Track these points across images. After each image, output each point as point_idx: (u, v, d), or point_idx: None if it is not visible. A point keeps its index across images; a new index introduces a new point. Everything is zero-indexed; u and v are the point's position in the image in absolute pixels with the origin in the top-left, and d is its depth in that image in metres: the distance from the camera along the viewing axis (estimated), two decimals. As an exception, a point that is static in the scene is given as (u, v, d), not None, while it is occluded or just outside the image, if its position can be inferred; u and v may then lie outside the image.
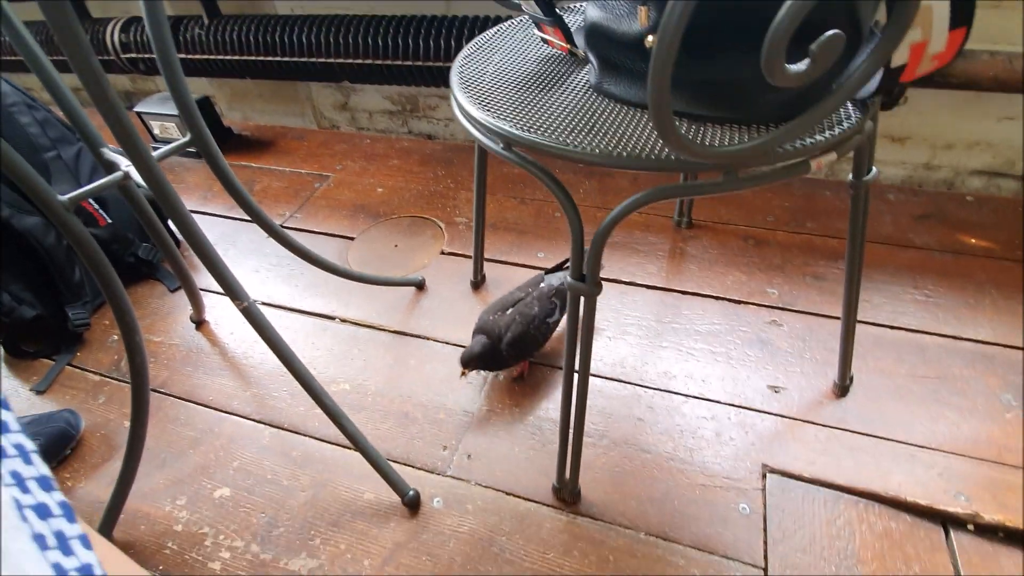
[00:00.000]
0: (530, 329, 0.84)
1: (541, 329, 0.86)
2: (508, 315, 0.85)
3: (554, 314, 0.88)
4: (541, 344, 0.88)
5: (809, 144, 0.46)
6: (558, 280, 0.91)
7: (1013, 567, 0.67)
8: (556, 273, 0.94)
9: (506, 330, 0.83)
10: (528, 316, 0.85)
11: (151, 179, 0.56)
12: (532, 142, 0.50)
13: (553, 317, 0.88)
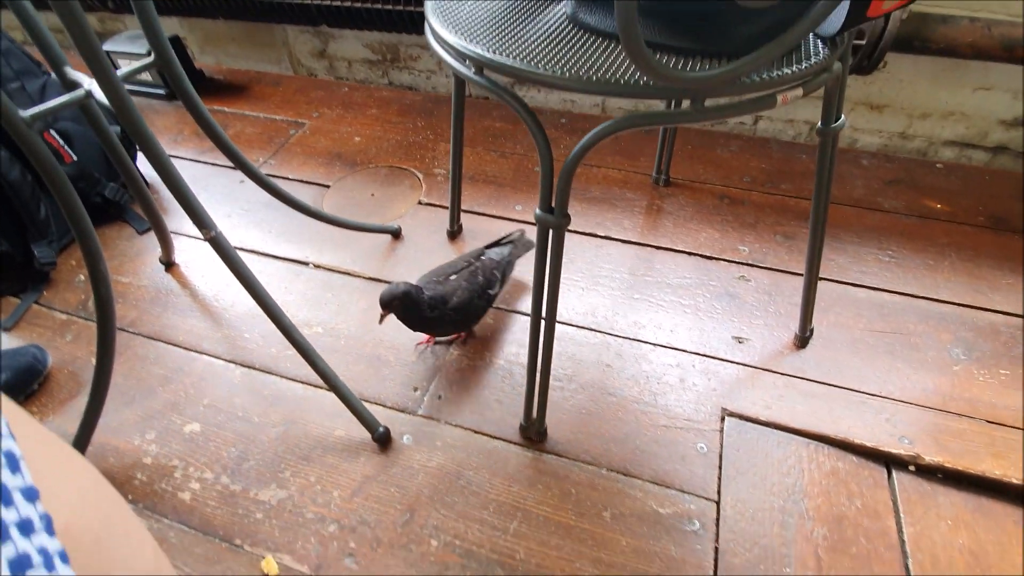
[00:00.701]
0: (475, 298, 0.82)
1: (484, 298, 0.84)
2: (453, 281, 0.82)
3: (494, 287, 0.86)
4: (481, 315, 0.86)
5: (776, 76, 0.47)
6: (498, 254, 0.89)
7: (949, 505, 0.72)
8: (496, 248, 0.92)
9: (452, 295, 0.80)
10: (475, 284, 0.82)
11: (115, 97, 0.54)
12: (504, 65, 0.49)
13: (493, 290, 0.85)
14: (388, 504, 0.72)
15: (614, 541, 0.68)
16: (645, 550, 0.67)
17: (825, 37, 0.52)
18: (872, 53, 1.12)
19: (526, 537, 0.68)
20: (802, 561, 0.66)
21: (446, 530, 0.69)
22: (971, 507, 0.71)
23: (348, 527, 0.70)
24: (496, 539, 0.68)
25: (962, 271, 0.98)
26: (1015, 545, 0.68)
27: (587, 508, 0.71)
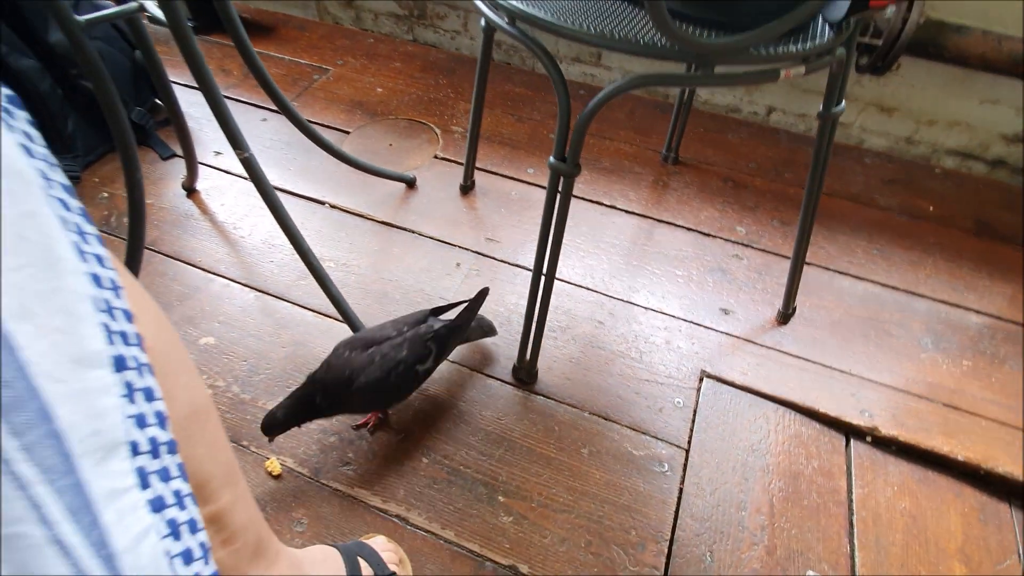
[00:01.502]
0: (391, 376, 0.68)
1: (405, 376, 0.70)
2: (366, 355, 0.69)
3: (426, 361, 0.72)
4: (402, 395, 0.74)
5: (782, 52, 0.51)
6: (442, 324, 0.74)
7: (897, 474, 0.78)
8: (443, 314, 0.79)
9: (359, 372, 0.67)
10: (391, 360, 0.68)
11: (170, 12, 0.58)
12: (536, 18, 0.53)
13: (424, 365, 0.72)
14: (386, 424, 0.78)
15: (589, 474, 0.74)
16: (616, 484, 0.73)
17: (832, 23, 0.56)
18: (887, 54, 1.15)
19: (509, 463, 0.75)
20: (757, 507, 0.73)
21: (437, 450, 0.75)
22: (917, 477, 0.78)
23: (347, 440, 0.76)
24: (482, 462, 0.75)
25: (943, 270, 1.03)
26: (951, 513, 0.75)
27: (567, 444, 0.77)
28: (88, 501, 0.22)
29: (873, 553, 0.70)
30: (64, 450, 0.21)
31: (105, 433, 0.22)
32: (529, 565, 0.66)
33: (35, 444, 0.20)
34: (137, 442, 0.24)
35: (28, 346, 0.21)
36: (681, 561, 0.68)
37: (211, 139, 1.20)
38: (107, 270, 0.26)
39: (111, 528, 0.22)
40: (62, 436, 0.21)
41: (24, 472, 0.20)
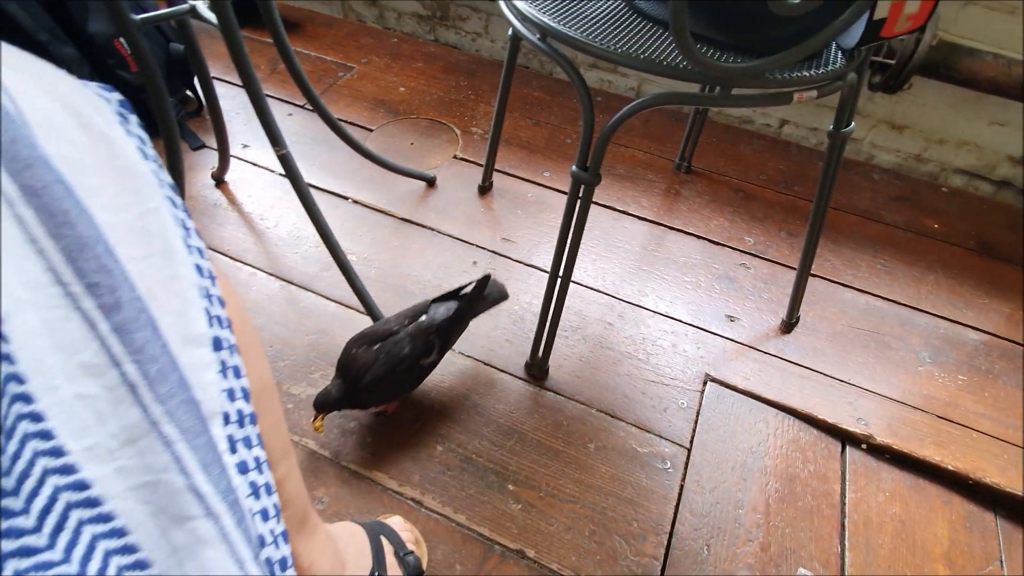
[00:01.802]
0: (396, 371, 0.71)
1: (412, 371, 0.73)
2: (372, 352, 0.72)
3: (431, 355, 0.74)
4: (410, 387, 0.77)
5: (796, 76, 0.55)
6: (443, 315, 0.75)
7: (890, 480, 0.82)
8: (445, 303, 0.77)
9: (365, 371, 0.70)
10: (394, 357, 0.71)
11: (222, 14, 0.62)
12: (565, 35, 0.57)
13: (429, 359, 0.74)
14: (403, 411, 0.82)
15: (594, 467, 0.78)
16: (620, 478, 0.77)
17: (845, 50, 0.59)
18: (900, 73, 1.18)
19: (519, 454, 0.79)
20: (753, 506, 0.77)
21: (451, 439, 0.79)
22: (908, 484, 0.82)
23: (366, 425, 0.80)
24: (493, 452, 0.79)
25: (944, 287, 1.06)
26: (938, 519, 0.78)
27: (575, 439, 0.81)
28: (217, 457, 0.26)
29: (863, 554, 0.74)
30: (199, 414, 0.25)
31: (207, 403, 0.26)
32: (536, 550, 0.70)
33: (175, 409, 0.25)
34: (228, 413, 0.28)
35: (163, 315, 0.25)
36: (679, 553, 0.71)
37: (239, 132, 1.24)
38: (205, 261, 0.29)
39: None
40: (197, 403, 0.25)
41: (168, 432, 0.24)
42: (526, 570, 0.68)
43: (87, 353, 0.23)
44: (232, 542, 0.25)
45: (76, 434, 0.22)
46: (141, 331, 0.24)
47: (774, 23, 0.53)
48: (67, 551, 0.22)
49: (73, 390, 0.22)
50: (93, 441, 0.23)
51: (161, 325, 0.25)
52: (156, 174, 0.28)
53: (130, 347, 0.24)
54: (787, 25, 0.54)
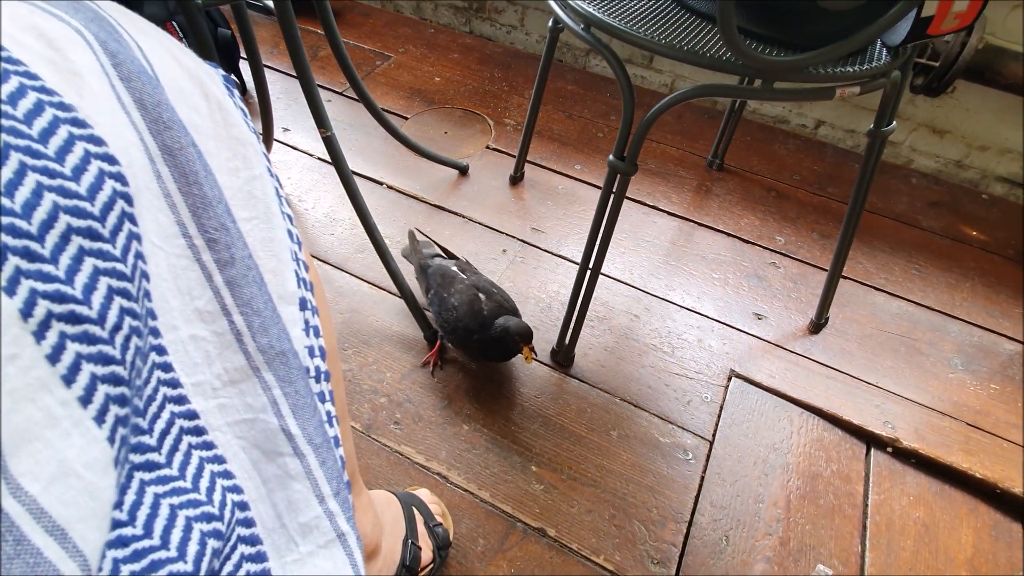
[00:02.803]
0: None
1: None
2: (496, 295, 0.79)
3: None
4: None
5: (839, 72, 0.55)
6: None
7: (915, 485, 0.81)
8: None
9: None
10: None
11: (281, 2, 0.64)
12: (609, 26, 0.58)
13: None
14: (431, 391, 0.84)
15: (616, 454, 0.79)
16: (641, 465, 0.78)
17: (890, 47, 0.59)
18: (943, 76, 1.15)
19: (543, 437, 0.80)
20: (774, 501, 0.77)
21: (476, 419, 0.82)
22: (934, 490, 0.81)
23: (396, 402, 0.83)
24: (517, 434, 0.80)
25: (981, 295, 1.04)
26: (963, 526, 0.77)
27: (598, 425, 0.82)
28: (307, 403, 0.28)
29: (883, 555, 0.74)
30: (294, 365, 0.28)
31: (299, 356, 0.29)
32: (556, 530, 0.72)
33: (273, 359, 0.27)
34: (309, 367, 0.30)
35: (272, 270, 0.28)
36: (698, 542, 0.72)
37: (280, 116, 1.28)
38: (294, 228, 0.32)
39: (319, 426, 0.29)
40: (294, 355, 0.28)
41: (267, 378, 0.27)
42: (546, 548, 0.70)
43: (202, 300, 0.25)
44: (315, 479, 0.28)
45: (188, 370, 0.25)
46: (249, 286, 0.27)
47: (820, 18, 0.53)
48: (181, 469, 0.24)
49: (189, 331, 0.25)
50: (201, 378, 0.25)
51: (264, 279, 0.27)
52: (258, 143, 0.30)
53: (239, 300, 0.26)
54: (833, 21, 0.54)
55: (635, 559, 0.70)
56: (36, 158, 0.19)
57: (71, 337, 0.19)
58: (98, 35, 0.23)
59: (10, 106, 0.19)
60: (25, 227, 0.18)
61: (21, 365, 0.18)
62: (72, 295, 0.19)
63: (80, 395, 0.19)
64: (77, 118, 0.21)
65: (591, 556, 0.70)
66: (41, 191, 0.19)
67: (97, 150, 0.21)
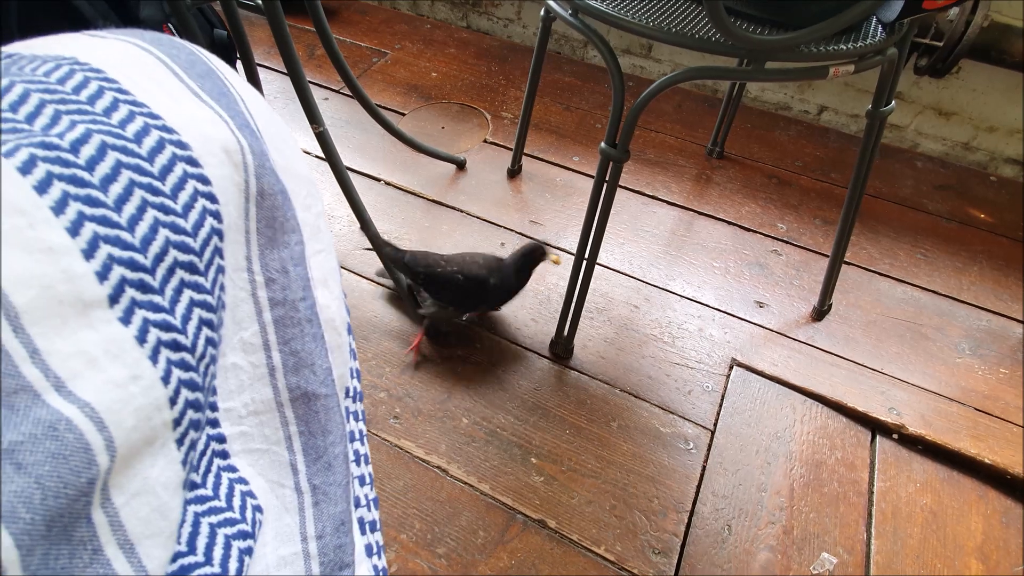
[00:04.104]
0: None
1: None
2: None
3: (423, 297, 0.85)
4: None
5: (832, 50, 0.54)
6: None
7: (921, 471, 0.80)
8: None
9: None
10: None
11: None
12: (597, 10, 0.57)
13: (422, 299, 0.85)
14: (430, 385, 0.84)
15: (617, 445, 0.79)
16: (642, 456, 0.78)
17: (885, 24, 0.58)
18: (948, 56, 1.13)
19: (543, 429, 0.80)
20: (777, 489, 0.76)
21: (476, 412, 0.81)
22: (941, 476, 0.80)
23: (395, 396, 0.83)
24: (517, 427, 0.80)
25: (989, 278, 1.02)
26: (972, 513, 0.76)
27: (598, 416, 0.82)
28: (317, 444, 0.30)
29: (890, 543, 0.73)
30: (319, 407, 0.30)
31: (343, 378, 0.30)
32: (557, 521, 0.71)
33: (297, 399, 0.29)
34: (349, 388, 0.31)
35: (327, 305, 0.29)
36: (700, 531, 0.72)
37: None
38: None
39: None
40: (313, 397, 0.29)
41: (288, 415, 0.29)
42: (547, 539, 0.70)
43: (248, 332, 0.27)
44: (305, 517, 0.29)
45: (224, 395, 0.26)
46: (293, 327, 0.28)
47: (811, -4, 0.52)
48: (215, 489, 0.25)
49: (232, 359, 0.26)
50: (232, 405, 0.27)
51: (322, 318, 0.29)
52: (313, 180, 0.32)
53: (281, 338, 0.28)
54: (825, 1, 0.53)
55: (636, 549, 0.70)
56: (155, 195, 0.21)
57: (175, 363, 0.21)
58: (212, 91, 0.26)
59: (136, 144, 0.21)
60: (142, 261, 0.20)
61: (144, 385, 0.19)
62: (175, 324, 0.21)
63: (176, 417, 0.21)
64: (191, 157, 0.23)
65: (592, 547, 0.70)
66: (157, 227, 0.21)
67: (204, 188, 0.23)
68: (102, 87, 0.21)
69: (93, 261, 0.19)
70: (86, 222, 0.19)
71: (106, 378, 0.18)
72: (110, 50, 0.23)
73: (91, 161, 0.19)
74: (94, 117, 0.20)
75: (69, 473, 0.16)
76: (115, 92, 0.22)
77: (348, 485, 0.31)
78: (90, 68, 0.22)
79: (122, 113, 0.21)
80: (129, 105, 0.22)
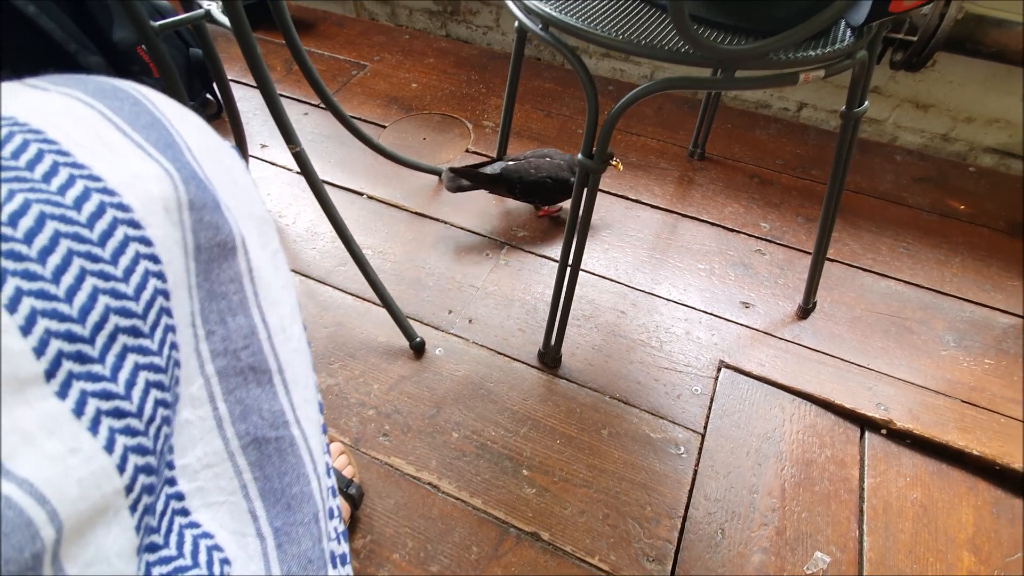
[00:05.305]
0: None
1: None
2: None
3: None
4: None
5: (801, 56, 0.54)
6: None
7: (911, 465, 0.81)
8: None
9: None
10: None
11: (236, 19, 0.64)
12: (567, 24, 0.57)
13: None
14: (419, 400, 0.84)
15: (608, 453, 0.79)
16: (633, 463, 0.78)
17: (854, 27, 0.58)
18: (923, 50, 1.14)
19: (533, 440, 0.80)
20: (769, 490, 0.76)
21: (466, 426, 0.81)
22: (931, 470, 0.80)
23: (384, 413, 0.82)
24: (508, 439, 0.80)
25: (971, 269, 1.03)
26: (963, 505, 0.77)
27: (588, 425, 0.82)
28: (274, 488, 0.30)
29: (882, 538, 0.73)
30: (270, 450, 0.30)
31: (310, 416, 0.32)
32: (550, 533, 0.71)
33: (248, 446, 0.29)
34: (319, 422, 0.32)
35: (283, 343, 0.30)
36: (693, 536, 0.72)
37: (257, 132, 1.28)
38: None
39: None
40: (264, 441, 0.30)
41: (241, 463, 0.29)
42: (541, 552, 0.70)
43: (195, 387, 0.27)
44: (270, 561, 0.29)
45: (180, 453, 0.26)
46: (236, 376, 0.28)
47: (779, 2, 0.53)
48: (179, 548, 0.25)
49: (184, 415, 0.26)
50: (187, 461, 0.27)
51: (281, 360, 0.29)
52: (271, 219, 0.32)
53: (225, 388, 0.28)
54: (792, 4, 0.53)
55: (630, 558, 0.70)
56: (95, 262, 0.21)
57: (119, 431, 0.21)
58: (157, 143, 0.25)
59: (76, 211, 0.21)
60: (80, 332, 0.20)
61: (84, 456, 0.19)
62: (118, 392, 0.21)
63: (127, 484, 0.21)
64: (133, 219, 0.23)
65: (586, 558, 0.69)
66: (96, 295, 0.21)
67: (145, 250, 0.23)
68: (42, 150, 0.21)
69: (30, 337, 0.19)
70: (24, 298, 0.19)
71: (42, 454, 0.18)
72: (52, 106, 0.23)
73: (29, 234, 0.19)
74: (33, 185, 0.20)
75: (11, 549, 0.16)
76: (55, 155, 0.21)
77: (315, 521, 0.31)
78: (30, 129, 0.21)
79: (62, 178, 0.21)
80: (70, 168, 0.21)
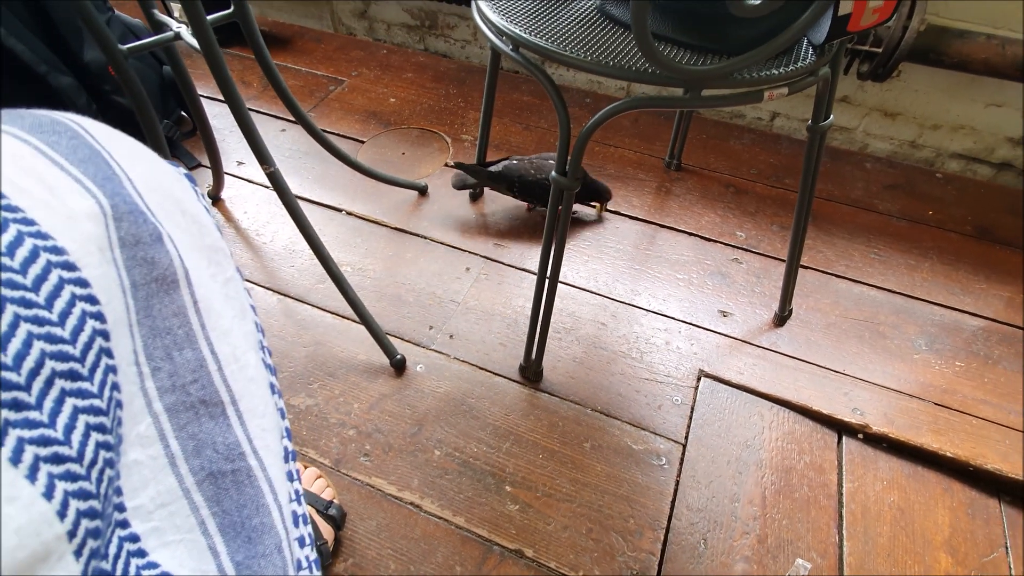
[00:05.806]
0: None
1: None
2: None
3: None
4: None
5: (765, 75, 0.55)
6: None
7: (888, 469, 0.82)
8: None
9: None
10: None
11: (204, 40, 0.64)
12: (537, 46, 0.58)
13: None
14: (400, 418, 0.83)
15: (590, 466, 0.79)
16: (616, 476, 0.78)
17: (815, 45, 0.60)
18: (887, 62, 1.17)
19: (516, 456, 0.80)
20: (750, 499, 0.77)
21: (448, 444, 0.81)
22: (907, 473, 0.82)
23: (365, 433, 0.82)
24: (490, 455, 0.80)
25: (940, 273, 1.06)
26: (939, 507, 0.78)
27: (571, 438, 0.82)
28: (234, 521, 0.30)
29: (861, 543, 0.74)
30: (226, 484, 0.29)
31: (271, 445, 0.30)
32: (534, 549, 0.71)
33: (203, 481, 0.29)
34: (287, 448, 0.31)
35: (236, 373, 0.29)
36: (676, 548, 0.72)
37: (233, 149, 1.27)
38: (255, 316, 0.33)
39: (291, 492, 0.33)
40: (220, 475, 0.29)
41: (197, 499, 0.28)
42: (525, 569, 0.69)
43: (143, 426, 0.26)
44: None
45: (130, 494, 0.26)
46: (187, 412, 0.28)
47: (742, 23, 0.54)
48: None
49: (133, 456, 0.26)
50: (139, 503, 0.26)
51: (235, 389, 0.29)
52: (227, 247, 0.32)
53: (175, 424, 0.27)
54: (756, 25, 0.54)
55: (614, 572, 0.70)
56: (28, 307, 0.21)
57: (58, 477, 0.21)
58: (95, 177, 0.25)
59: (8, 257, 0.21)
60: (15, 379, 0.20)
61: (22, 504, 0.19)
62: (56, 438, 0.21)
63: (69, 529, 0.20)
64: (68, 261, 0.22)
65: (570, 573, 0.69)
66: (31, 340, 0.21)
67: (81, 292, 0.23)
68: None
69: None
70: None
71: None
72: None
73: None
74: None
75: None
76: None
77: (278, 551, 0.30)
78: None
79: None
80: (3, 211, 0.21)
